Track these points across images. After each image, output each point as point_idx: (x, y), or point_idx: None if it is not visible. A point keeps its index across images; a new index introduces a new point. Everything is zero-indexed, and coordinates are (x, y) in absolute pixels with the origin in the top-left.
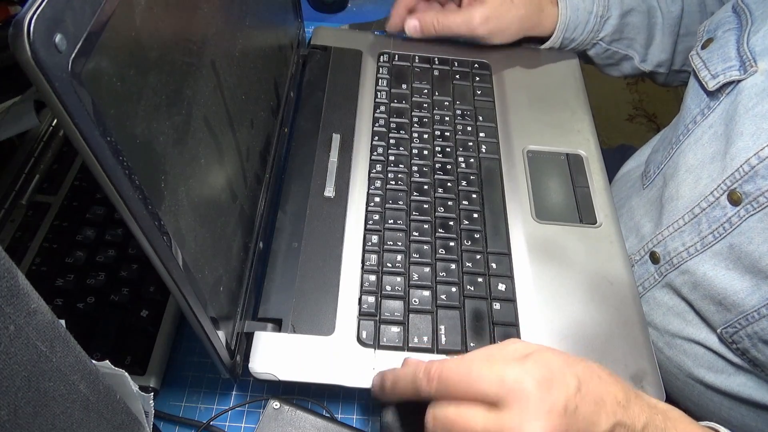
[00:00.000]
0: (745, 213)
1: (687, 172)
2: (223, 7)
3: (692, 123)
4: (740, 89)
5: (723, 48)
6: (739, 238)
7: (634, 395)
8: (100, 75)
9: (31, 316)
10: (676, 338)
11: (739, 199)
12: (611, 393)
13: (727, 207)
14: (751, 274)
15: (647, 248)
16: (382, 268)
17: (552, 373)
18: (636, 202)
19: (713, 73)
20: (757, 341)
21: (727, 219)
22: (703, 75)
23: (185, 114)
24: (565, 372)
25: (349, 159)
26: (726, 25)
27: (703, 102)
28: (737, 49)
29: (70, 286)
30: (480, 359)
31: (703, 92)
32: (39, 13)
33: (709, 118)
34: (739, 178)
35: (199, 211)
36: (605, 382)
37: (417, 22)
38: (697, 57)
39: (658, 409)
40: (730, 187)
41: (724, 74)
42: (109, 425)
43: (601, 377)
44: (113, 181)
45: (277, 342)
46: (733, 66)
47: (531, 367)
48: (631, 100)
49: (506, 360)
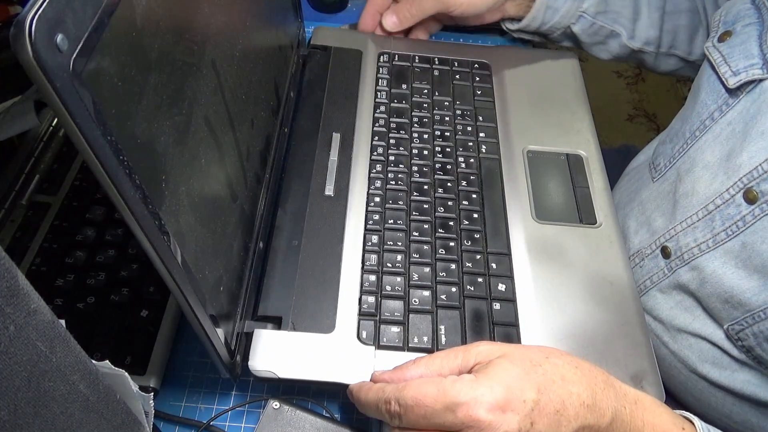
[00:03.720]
0: (760, 212)
1: (704, 168)
2: (223, 7)
3: (710, 119)
4: (763, 89)
5: (745, 44)
6: (752, 237)
7: (602, 388)
8: (101, 75)
9: (31, 316)
10: (682, 333)
11: (755, 197)
12: (574, 394)
13: (742, 205)
14: (759, 274)
15: (659, 242)
16: (382, 268)
17: (507, 391)
18: (647, 195)
19: (734, 69)
20: (762, 340)
21: (741, 217)
22: (723, 71)
23: (186, 114)
24: (522, 387)
25: (349, 158)
26: (746, 19)
27: (721, 98)
28: (760, 46)
29: (70, 286)
30: (436, 390)
31: (722, 88)
32: (40, 13)
33: (727, 115)
34: (756, 177)
35: (199, 211)
36: (569, 382)
37: (394, 15)
38: (715, 50)
39: (628, 398)
40: (746, 185)
41: (746, 72)
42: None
43: (564, 377)
44: (114, 181)
45: (276, 340)
46: (756, 64)
47: (485, 390)
48: (631, 100)
49: (462, 385)
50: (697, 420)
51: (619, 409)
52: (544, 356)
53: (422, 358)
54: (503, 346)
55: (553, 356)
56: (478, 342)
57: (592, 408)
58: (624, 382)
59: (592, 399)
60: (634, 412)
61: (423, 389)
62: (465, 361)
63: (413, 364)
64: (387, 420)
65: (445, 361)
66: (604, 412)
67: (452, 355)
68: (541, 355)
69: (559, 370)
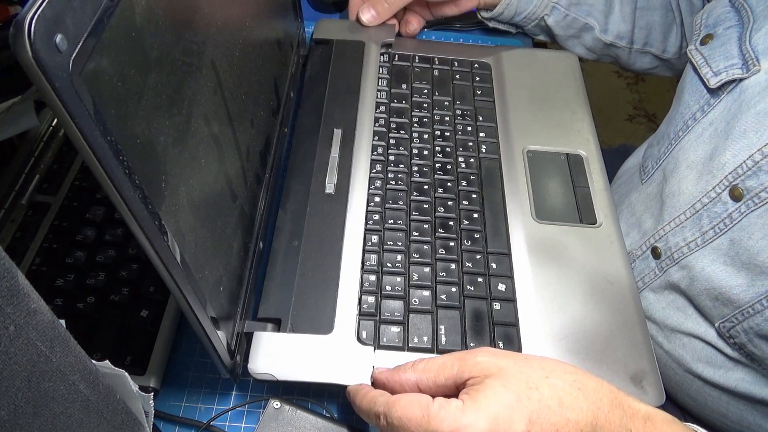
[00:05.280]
0: (746, 209)
1: (688, 168)
2: (223, 7)
3: (692, 119)
4: (743, 88)
5: (725, 45)
6: (740, 234)
7: (606, 411)
8: (100, 75)
9: (31, 316)
10: (675, 332)
11: (741, 194)
12: (571, 422)
13: (729, 203)
14: (747, 270)
15: (649, 243)
16: (382, 268)
17: (493, 423)
18: (636, 197)
19: (715, 70)
20: (753, 336)
21: (728, 214)
22: (704, 72)
23: (186, 114)
24: (512, 417)
25: (350, 155)
26: (726, 21)
27: (703, 98)
28: (739, 47)
29: (70, 286)
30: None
31: (704, 88)
32: (40, 13)
33: (709, 114)
34: (741, 174)
35: (199, 211)
36: (567, 408)
37: (371, 9)
38: (697, 52)
39: (638, 417)
40: (732, 182)
41: (727, 72)
42: (109, 425)
43: (563, 402)
44: (114, 181)
45: (276, 342)
46: (736, 64)
47: (469, 421)
48: (631, 100)
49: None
50: None
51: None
52: (544, 376)
53: (420, 362)
54: (502, 359)
55: (554, 375)
56: (478, 350)
57: None
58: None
59: (592, 426)
60: (645, 429)
61: (409, 411)
62: (460, 372)
63: (411, 368)
64: (378, 429)
65: (441, 369)
66: None
67: (449, 363)
68: (540, 375)
69: (558, 394)
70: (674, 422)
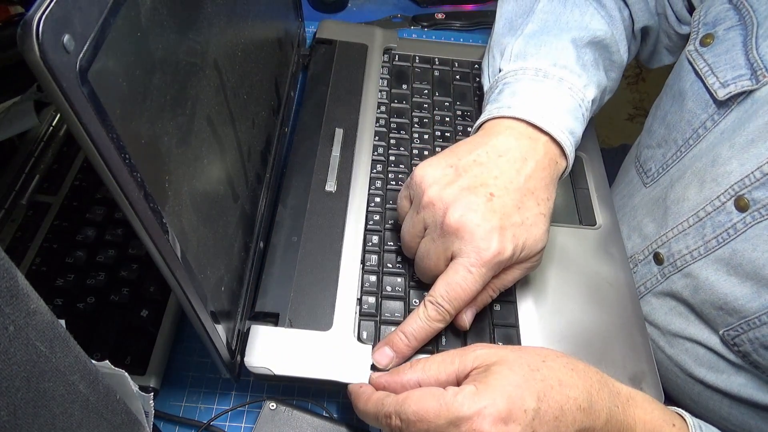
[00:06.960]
0: (752, 220)
1: (693, 175)
2: (226, 7)
3: (702, 128)
4: (753, 99)
5: (730, 52)
6: (743, 245)
7: (597, 389)
8: (106, 75)
9: (31, 316)
10: (677, 338)
11: (746, 205)
12: (572, 399)
13: (733, 213)
14: (752, 281)
15: (651, 249)
16: (382, 268)
17: (508, 402)
18: (638, 200)
19: (723, 81)
20: (759, 346)
21: (732, 225)
22: (711, 82)
23: (189, 113)
24: (523, 395)
25: (351, 154)
26: (726, 21)
27: (711, 108)
28: (746, 54)
29: (70, 286)
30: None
31: (710, 98)
32: (47, 13)
33: (720, 125)
34: (748, 185)
35: (201, 211)
36: (566, 386)
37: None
38: (699, 57)
39: (621, 396)
40: (737, 192)
41: (735, 84)
42: (109, 425)
43: (562, 382)
44: (118, 181)
45: (273, 336)
46: (744, 75)
47: (487, 402)
48: (631, 100)
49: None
50: (689, 416)
51: (613, 408)
52: (541, 359)
53: (419, 362)
54: (500, 349)
55: (549, 359)
56: (474, 345)
57: (588, 411)
58: (623, 383)
59: (588, 402)
60: (627, 411)
61: (424, 403)
62: (462, 366)
63: (410, 369)
64: (387, 431)
65: (442, 365)
66: (599, 414)
67: (449, 360)
68: (538, 359)
69: (557, 374)
70: (654, 401)
